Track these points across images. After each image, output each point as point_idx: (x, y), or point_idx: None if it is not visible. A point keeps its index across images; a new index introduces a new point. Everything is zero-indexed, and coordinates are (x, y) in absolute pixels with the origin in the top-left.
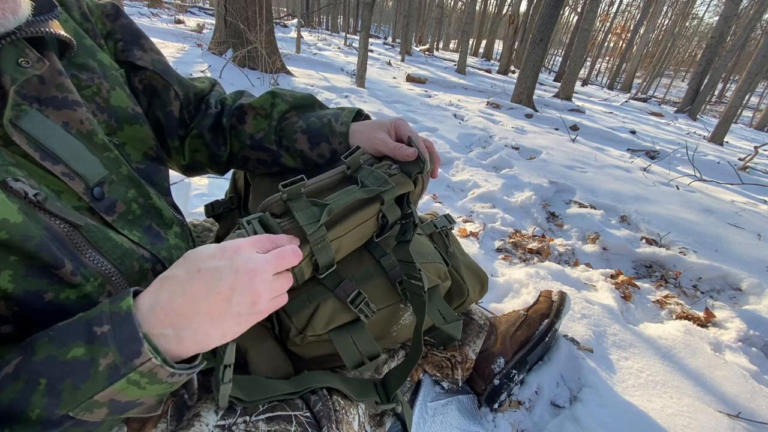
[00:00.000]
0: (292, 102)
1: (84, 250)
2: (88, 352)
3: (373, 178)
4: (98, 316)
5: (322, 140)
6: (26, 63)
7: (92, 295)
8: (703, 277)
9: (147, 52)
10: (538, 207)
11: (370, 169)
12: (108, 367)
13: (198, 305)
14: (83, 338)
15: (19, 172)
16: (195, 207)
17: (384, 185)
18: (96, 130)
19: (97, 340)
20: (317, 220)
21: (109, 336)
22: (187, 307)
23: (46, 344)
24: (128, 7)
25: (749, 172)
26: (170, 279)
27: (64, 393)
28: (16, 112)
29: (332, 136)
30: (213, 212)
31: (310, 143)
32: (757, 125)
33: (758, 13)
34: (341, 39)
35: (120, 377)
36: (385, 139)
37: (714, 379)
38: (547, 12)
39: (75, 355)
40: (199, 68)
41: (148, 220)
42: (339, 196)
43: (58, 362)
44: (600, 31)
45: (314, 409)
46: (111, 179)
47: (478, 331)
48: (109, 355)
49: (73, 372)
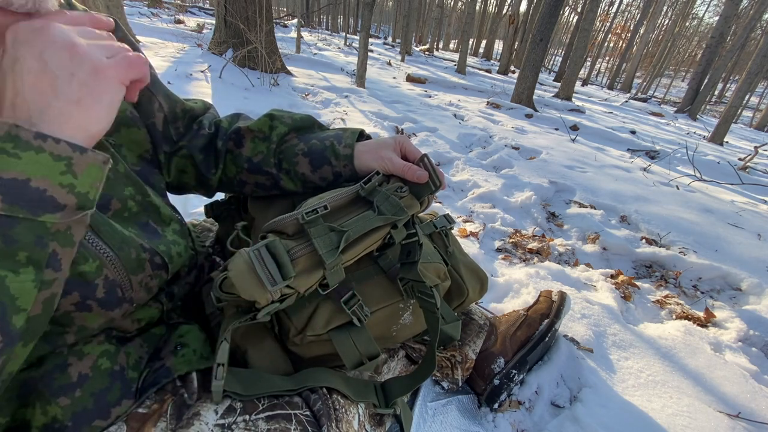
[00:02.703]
0: (291, 124)
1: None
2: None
3: (389, 205)
4: None
5: (324, 163)
6: None
7: (89, 275)
8: (703, 277)
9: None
10: (538, 207)
11: (385, 194)
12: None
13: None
14: None
15: None
16: (195, 207)
17: (399, 213)
18: None
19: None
20: (336, 247)
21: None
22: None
23: None
24: (128, 7)
25: (749, 172)
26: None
27: None
28: None
29: (336, 158)
30: (213, 212)
31: (312, 166)
32: (757, 125)
33: (758, 13)
34: (341, 39)
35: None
36: (393, 159)
37: (714, 379)
38: (547, 12)
39: None
40: (199, 68)
41: (146, 217)
42: (356, 223)
43: None
44: (600, 31)
45: (314, 407)
46: (107, 176)
47: (478, 331)
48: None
49: None
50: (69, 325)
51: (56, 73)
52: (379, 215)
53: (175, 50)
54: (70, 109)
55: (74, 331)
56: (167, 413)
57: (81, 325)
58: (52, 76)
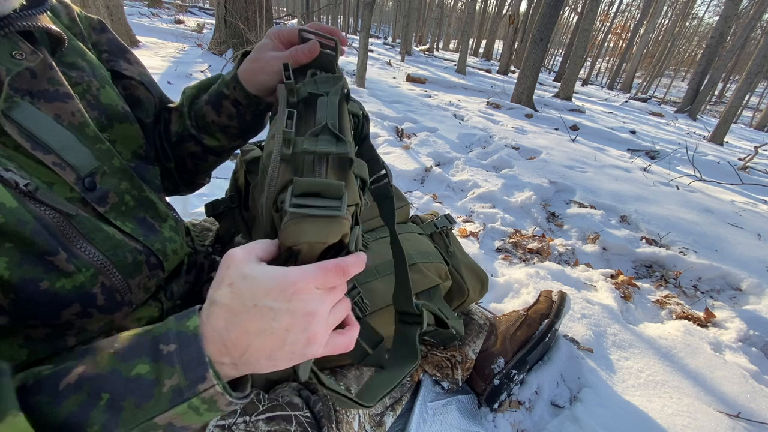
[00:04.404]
0: (197, 85)
1: (75, 240)
2: (153, 370)
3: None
4: (165, 334)
5: (221, 98)
6: (20, 55)
7: (86, 285)
8: (703, 277)
9: (133, 65)
10: (538, 207)
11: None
12: (172, 389)
13: (251, 340)
14: (149, 355)
15: (10, 163)
16: (195, 207)
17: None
18: (87, 122)
19: (163, 359)
20: (334, 135)
21: (175, 356)
22: (241, 340)
23: (110, 357)
24: (128, 7)
25: (749, 172)
26: (223, 307)
27: (125, 411)
28: (8, 104)
29: (226, 87)
30: (213, 211)
31: (215, 110)
32: (757, 125)
33: (758, 13)
34: None
35: (183, 401)
36: (277, 55)
37: (714, 379)
38: (547, 12)
39: (140, 372)
40: (199, 68)
41: (143, 212)
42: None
43: (122, 378)
44: (600, 31)
45: (314, 408)
46: (103, 170)
47: (478, 331)
48: (174, 377)
49: (136, 390)
50: (70, 329)
51: (286, 348)
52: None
53: (175, 50)
54: (267, 367)
55: (74, 334)
56: None
57: (82, 328)
58: (281, 347)
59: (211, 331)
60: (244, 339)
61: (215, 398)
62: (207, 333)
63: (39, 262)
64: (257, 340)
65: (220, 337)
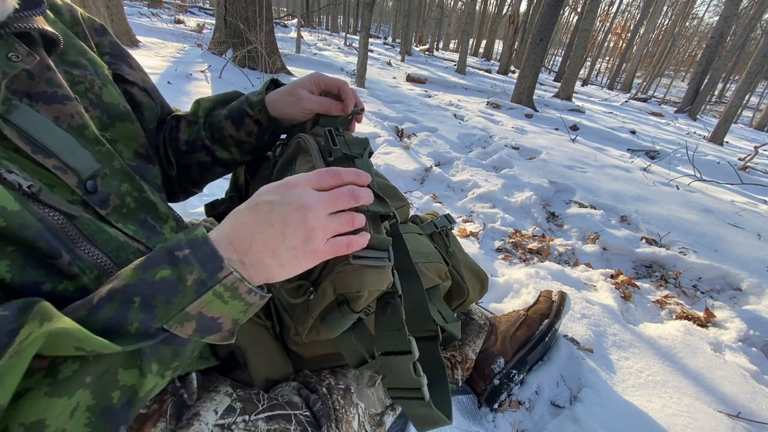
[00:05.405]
0: (215, 99)
1: (79, 242)
2: (174, 272)
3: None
4: (177, 244)
5: (243, 116)
6: (16, 57)
7: (89, 287)
8: (703, 277)
9: (135, 71)
10: (538, 207)
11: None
12: (195, 282)
13: (254, 235)
14: (167, 261)
15: (12, 165)
16: (195, 207)
17: (363, 145)
18: (87, 124)
19: (181, 262)
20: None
21: (191, 257)
22: (245, 235)
23: (132, 271)
24: (128, 7)
25: (749, 172)
26: (234, 212)
27: (157, 308)
28: (6, 107)
29: (250, 107)
30: (213, 211)
31: (234, 125)
32: (757, 125)
33: (758, 13)
34: (341, 39)
35: (207, 289)
36: (311, 97)
37: (714, 379)
38: (547, 12)
39: (163, 275)
40: (199, 68)
41: (143, 213)
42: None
43: (148, 283)
44: (600, 31)
45: (314, 408)
46: (104, 173)
47: (478, 331)
48: (195, 272)
49: (163, 289)
50: None
51: (287, 243)
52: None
53: (175, 50)
54: (273, 267)
55: None
56: (167, 413)
57: None
58: (281, 241)
59: (218, 234)
60: (247, 235)
61: (236, 285)
62: (214, 236)
63: (41, 265)
64: (259, 234)
65: (226, 237)
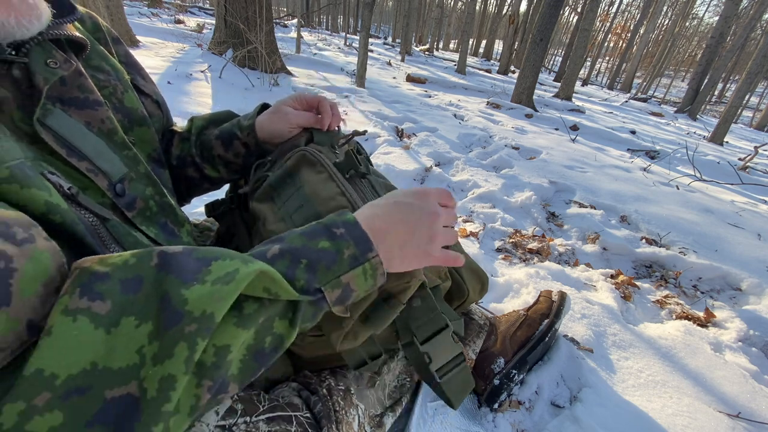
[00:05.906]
0: (208, 118)
1: (109, 244)
2: (333, 245)
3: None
4: (333, 222)
5: (233, 138)
6: (54, 64)
7: None
8: (703, 277)
9: (148, 83)
10: (538, 207)
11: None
12: (350, 256)
13: (390, 228)
14: (327, 236)
15: (52, 167)
16: (195, 207)
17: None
18: (116, 129)
19: (338, 238)
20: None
21: (346, 235)
22: (384, 227)
23: (299, 236)
24: (128, 7)
25: (749, 172)
26: (372, 206)
27: (319, 272)
28: (43, 111)
29: (240, 131)
30: (213, 212)
31: (224, 146)
32: (757, 125)
33: (758, 13)
34: (341, 39)
35: (358, 265)
36: (297, 113)
37: (714, 379)
38: (547, 12)
39: (323, 246)
40: (199, 68)
41: (164, 217)
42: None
43: (312, 249)
44: (600, 31)
45: (314, 409)
46: (131, 176)
47: (478, 331)
48: (350, 248)
49: (325, 257)
50: None
51: (414, 240)
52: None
53: (175, 50)
54: (397, 258)
55: None
56: None
57: None
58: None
59: (363, 219)
60: (385, 227)
61: (377, 266)
62: (360, 221)
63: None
64: (394, 228)
65: (369, 225)
